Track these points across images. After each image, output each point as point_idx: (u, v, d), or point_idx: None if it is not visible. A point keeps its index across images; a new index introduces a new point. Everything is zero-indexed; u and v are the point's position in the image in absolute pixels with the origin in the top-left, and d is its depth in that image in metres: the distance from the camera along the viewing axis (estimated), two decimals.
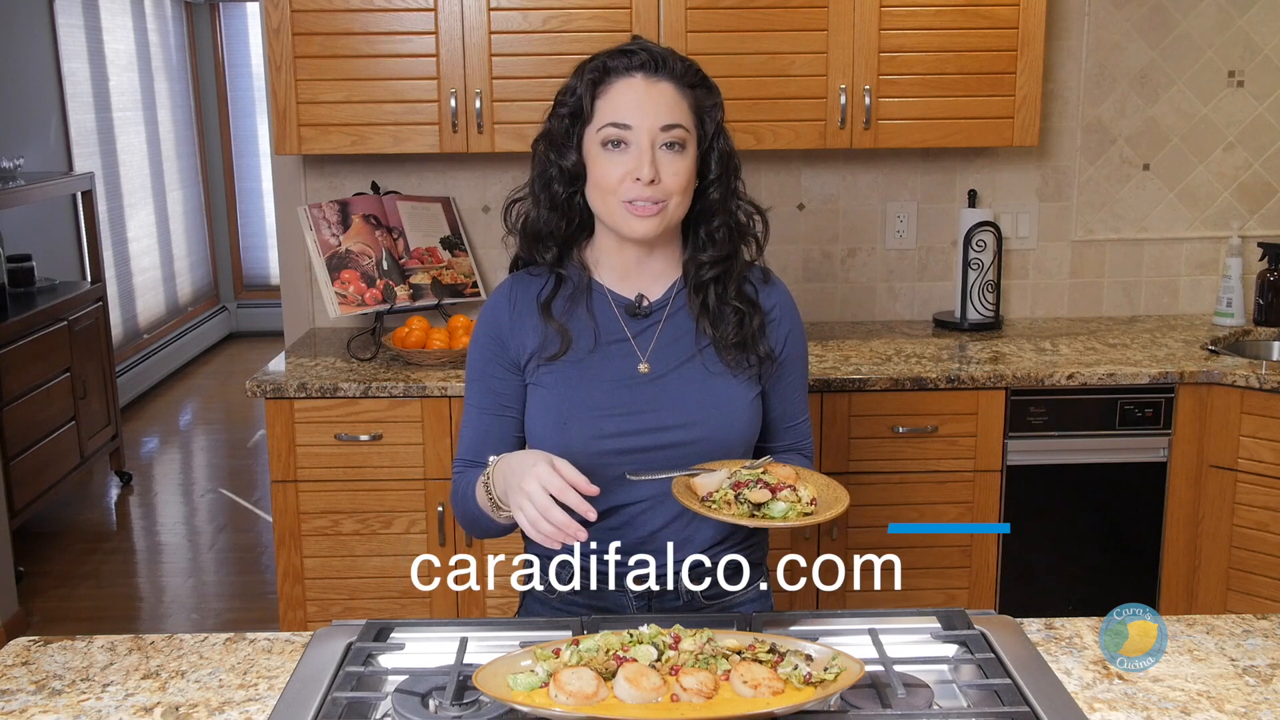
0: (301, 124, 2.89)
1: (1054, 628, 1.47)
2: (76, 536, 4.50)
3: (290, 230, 3.30)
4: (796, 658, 1.23)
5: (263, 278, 8.12)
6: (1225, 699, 1.29)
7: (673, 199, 1.55)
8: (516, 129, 2.88)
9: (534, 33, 2.86)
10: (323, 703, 1.26)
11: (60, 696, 1.32)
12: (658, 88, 1.55)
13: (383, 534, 2.80)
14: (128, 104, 6.59)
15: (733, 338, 1.61)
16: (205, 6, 7.75)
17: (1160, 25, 3.25)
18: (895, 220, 3.33)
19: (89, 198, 4.95)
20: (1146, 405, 2.78)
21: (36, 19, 5.51)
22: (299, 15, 2.84)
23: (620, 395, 1.59)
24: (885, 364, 2.84)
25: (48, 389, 4.32)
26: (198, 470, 5.42)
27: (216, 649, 1.43)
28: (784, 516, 1.41)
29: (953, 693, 1.34)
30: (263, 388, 2.74)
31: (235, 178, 8.05)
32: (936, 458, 2.79)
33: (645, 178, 1.51)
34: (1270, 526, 2.74)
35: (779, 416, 1.69)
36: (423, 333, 2.91)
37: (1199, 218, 3.38)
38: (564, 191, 1.60)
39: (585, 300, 1.63)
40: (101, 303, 4.85)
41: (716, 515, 1.41)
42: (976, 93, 2.92)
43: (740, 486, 1.45)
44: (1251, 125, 3.32)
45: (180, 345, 7.12)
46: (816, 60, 2.88)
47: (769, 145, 2.91)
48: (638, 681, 1.17)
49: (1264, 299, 3.21)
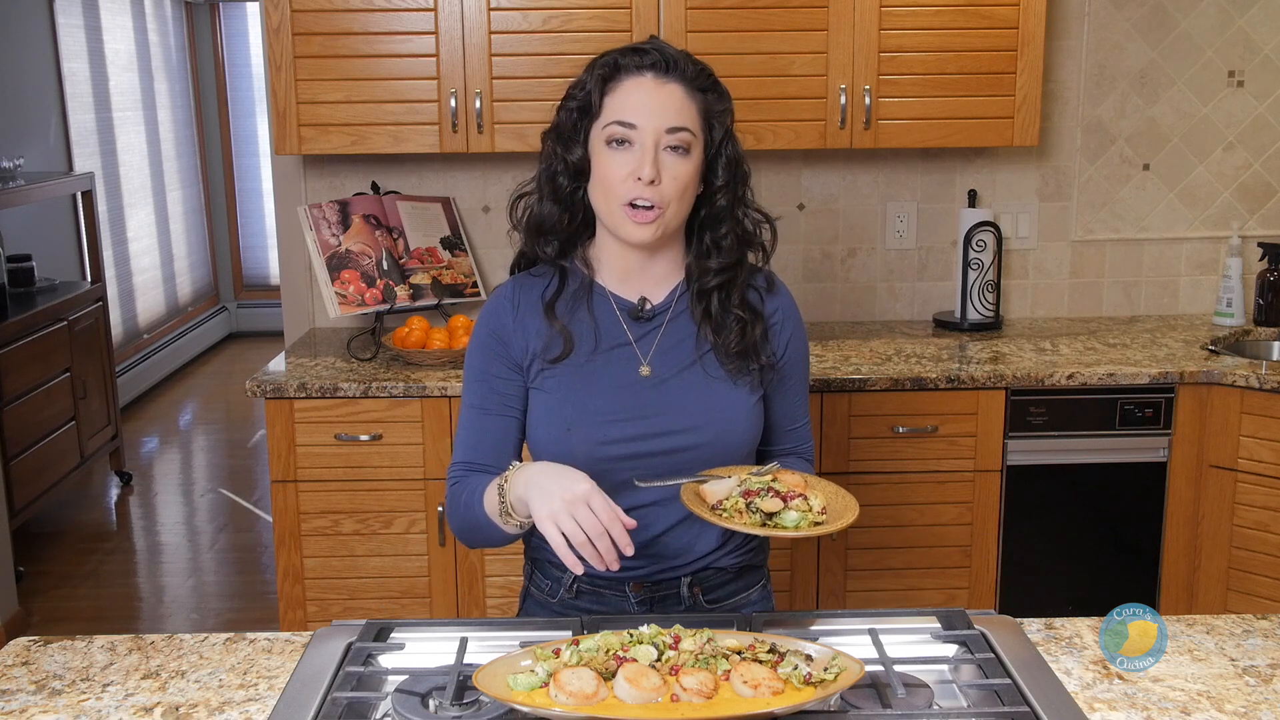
0: (301, 124, 2.89)
1: (1054, 628, 1.47)
2: (76, 536, 4.50)
3: (290, 230, 3.30)
4: (796, 658, 1.23)
5: (263, 278, 8.12)
6: (1225, 699, 1.29)
7: (670, 205, 1.53)
8: (516, 129, 2.88)
9: (534, 33, 2.86)
10: (323, 703, 1.26)
11: (60, 696, 1.32)
12: (667, 88, 1.54)
13: (383, 534, 2.80)
14: (128, 104, 6.59)
15: (734, 346, 1.59)
16: (205, 6, 7.75)
17: (1160, 25, 3.26)
18: (895, 220, 3.33)
19: (89, 198, 4.95)
20: (1146, 405, 2.78)
21: (36, 19, 5.51)
22: (299, 15, 2.84)
23: (622, 400, 1.58)
24: (885, 364, 2.84)
25: (48, 389, 4.32)
26: (198, 470, 5.42)
27: (216, 649, 1.43)
28: (796, 526, 1.41)
29: (953, 693, 1.34)
30: (263, 388, 2.74)
31: (235, 178, 8.05)
32: (936, 458, 2.79)
33: (646, 177, 1.51)
34: (1270, 526, 2.74)
35: (780, 420, 1.69)
36: (423, 333, 2.91)
37: (1199, 218, 3.38)
38: (568, 185, 1.60)
39: (587, 302, 1.62)
40: (101, 303, 4.86)
41: (728, 524, 1.41)
42: (976, 93, 2.92)
43: (751, 495, 1.44)
44: (1251, 125, 3.32)
45: (180, 345, 7.12)
46: (816, 60, 2.88)
47: (769, 145, 2.91)
48: (638, 681, 1.16)
49: (1264, 299, 3.21)
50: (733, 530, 1.43)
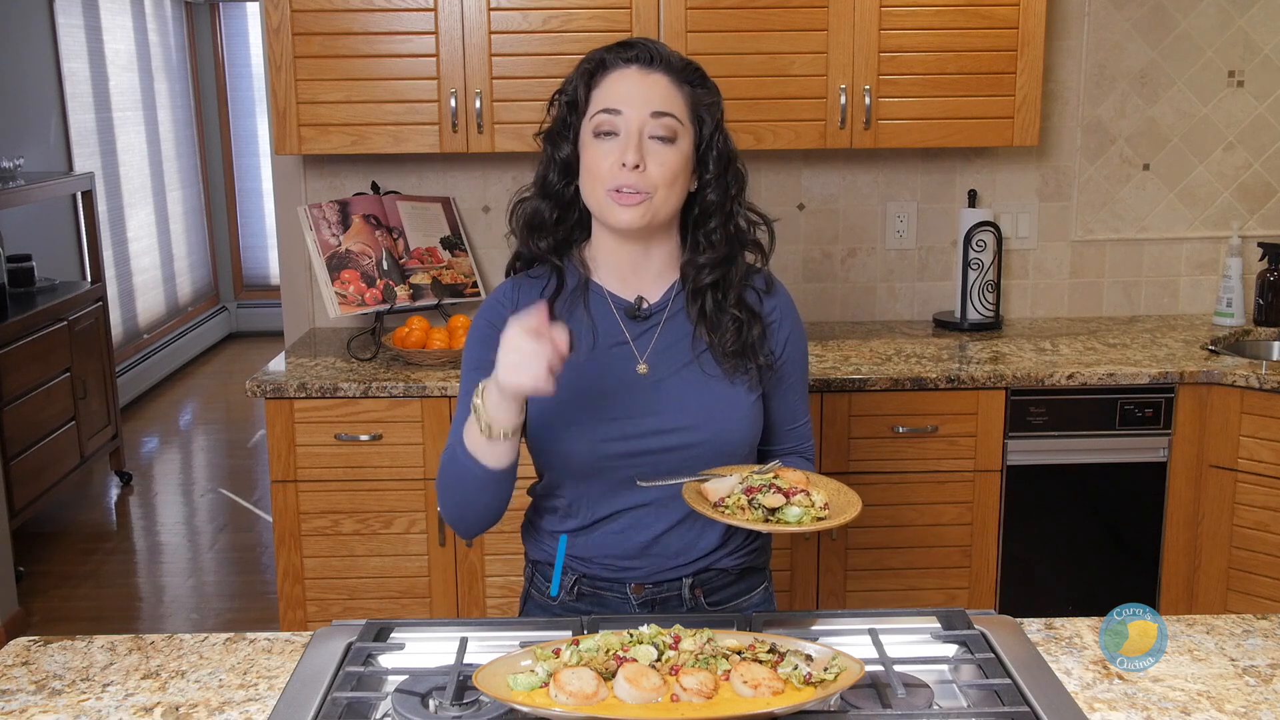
0: (301, 124, 2.89)
1: (1054, 628, 1.47)
2: (76, 536, 4.50)
3: (290, 230, 3.30)
4: (796, 658, 1.23)
5: (263, 278, 8.12)
6: (1225, 699, 1.29)
7: (659, 191, 1.52)
8: (516, 129, 2.88)
9: (534, 33, 2.86)
10: (323, 703, 1.26)
11: (60, 696, 1.32)
12: (651, 78, 1.54)
13: (383, 534, 2.80)
14: (128, 104, 6.59)
15: (730, 345, 1.59)
16: (205, 6, 7.74)
17: (1160, 25, 3.25)
18: (895, 220, 3.32)
19: (89, 198, 4.95)
20: (1146, 405, 2.78)
21: (36, 19, 5.51)
22: (299, 15, 2.84)
23: (620, 399, 1.58)
24: (885, 364, 2.84)
25: (48, 389, 4.32)
26: (198, 470, 5.42)
27: (216, 649, 1.43)
28: (799, 521, 1.41)
29: (953, 693, 1.34)
30: (263, 388, 2.74)
31: (235, 178, 8.05)
32: (936, 458, 2.79)
33: (630, 162, 1.50)
34: (1270, 526, 2.74)
35: (780, 420, 1.68)
36: (423, 333, 2.91)
37: (1199, 218, 3.38)
38: (559, 182, 1.60)
39: (584, 301, 1.62)
40: (101, 303, 4.86)
41: (730, 520, 1.41)
42: (976, 93, 2.92)
43: (753, 492, 1.44)
44: (1251, 125, 3.32)
45: (180, 345, 7.12)
46: (816, 60, 2.88)
47: (769, 145, 2.91)
48: (638, 681, 1.16)
49: (1264, 299, 3.21)
50: (735, 529, 1.42)
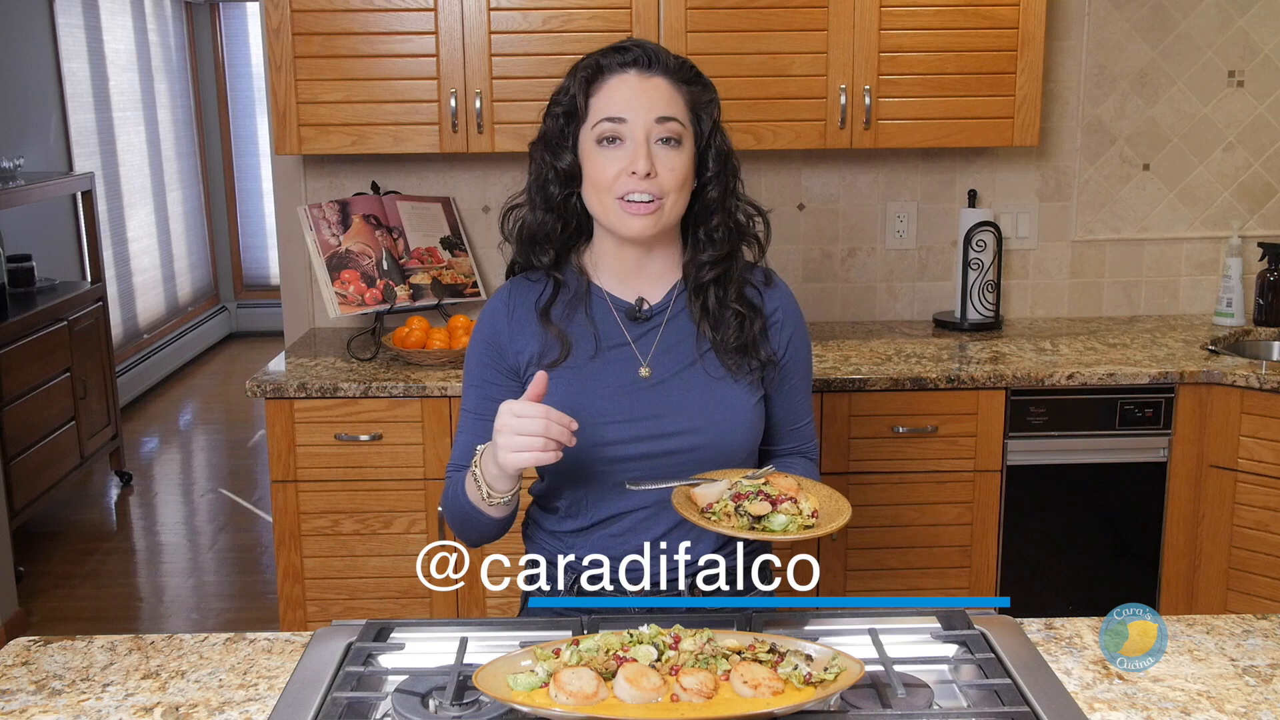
0: (301, 124, 2.89)
1: (1054, 628, 1.47)
2: (76, 536, 4.50)
3: (290, 230, 3.30)
4: (796, 658, 1.23)
5: (263, 278, 8.12)
6: (1225, 699, 1.29)
7: (669, 196, 1.53)
8: (516, 129, 2.88)
9: (534, 33, 2.86)
10: (323, 703, 1.26)
11: (60, 696, 1.32)
12: (651, 82, 1.54)
13: (383, 534, 2.80)
14: (128, 104, 6.59)
15: (734, 341, 1.59)
16: (205, 6, 7.75)
17: (1160, 25, 3.25)
18: (895, 220, 3.33)
19: (89, 198, 4.95)
20: (1146, 405, 2.78)
21: (36, 19, 5.51)
22: (299, 15, 2.84)
23: (622, 401, 1.57)
24: (885, 364, 2.84)
25: (48, 389, 4.32)
26: (198, 470, 5.42)
27: (216, 649, 1.43)
28: (784, 529, 1.40)
29: (953, 693, 1.34)
30: (263, 388, 2.74)
31: (235, 178, 8.06)
32: (936, 458, 2.79)
33: (641, 170, 1.50)
34: (1270, 526, 2.74)
35: (782, 420, 1.68)
36: (423, 333, 2.91)
37: (1199, 218, 3.38)
38: (560, 193, 1.59)
39: (584, 305, 1.61)
40: (101, 303, 4.86)
41: (715, 528, 1.40)
42: (976, 93, 2.92)
43: (741, 498, 1.43)
44: (1251, 125, 3.32)
45: (180, 345, 7.12)
46: (816, 60, 2.88)
47: (769, 145, 2.91)
48: (638, 681, 1.16)
49: (1264, 299, 3.21)
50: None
